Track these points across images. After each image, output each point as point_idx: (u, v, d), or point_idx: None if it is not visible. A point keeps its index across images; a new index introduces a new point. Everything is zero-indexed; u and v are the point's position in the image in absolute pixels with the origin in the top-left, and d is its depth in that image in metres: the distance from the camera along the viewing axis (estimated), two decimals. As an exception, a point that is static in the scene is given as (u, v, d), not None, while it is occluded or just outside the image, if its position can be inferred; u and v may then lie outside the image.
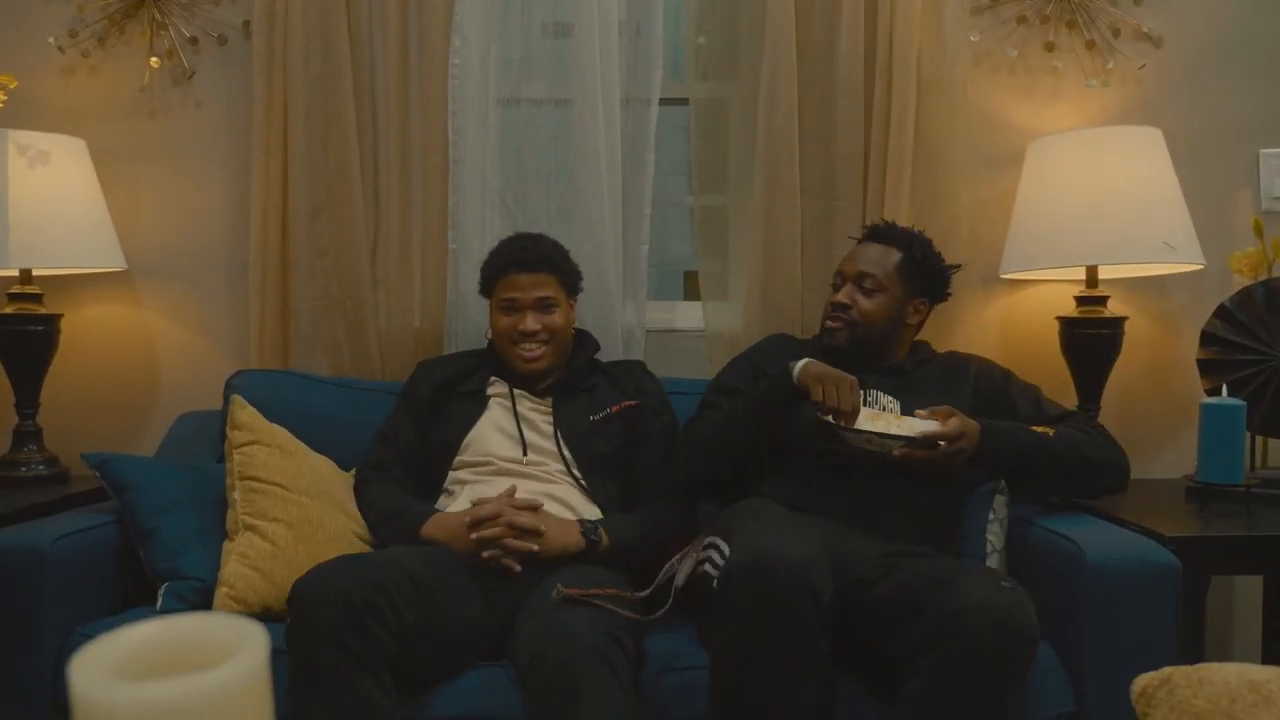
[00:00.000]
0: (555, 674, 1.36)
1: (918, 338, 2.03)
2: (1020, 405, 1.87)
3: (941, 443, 1.67)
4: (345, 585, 1.40)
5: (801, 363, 1.73)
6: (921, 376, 1.92)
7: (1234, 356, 2.03)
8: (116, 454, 1.81)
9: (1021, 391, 1.91)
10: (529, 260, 1.94)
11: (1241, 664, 0.81)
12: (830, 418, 1.67)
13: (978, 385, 1.90)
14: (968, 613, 1.33)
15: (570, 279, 2.02)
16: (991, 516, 1.75)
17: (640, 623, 1.55)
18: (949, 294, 2.02)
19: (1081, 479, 1.78)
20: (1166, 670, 0.84)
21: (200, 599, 1.68)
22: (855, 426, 1.68)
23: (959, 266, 2.04)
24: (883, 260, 1.93)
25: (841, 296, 1.92)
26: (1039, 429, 1.78)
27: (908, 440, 1.67)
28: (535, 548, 1.66)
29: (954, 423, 1.69)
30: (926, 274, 1.96)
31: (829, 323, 1.93)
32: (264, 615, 1.63)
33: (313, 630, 1.38)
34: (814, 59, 2.28)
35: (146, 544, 1.73)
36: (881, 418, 1.74)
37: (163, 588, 1.70)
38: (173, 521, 1.74)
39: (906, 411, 1.78)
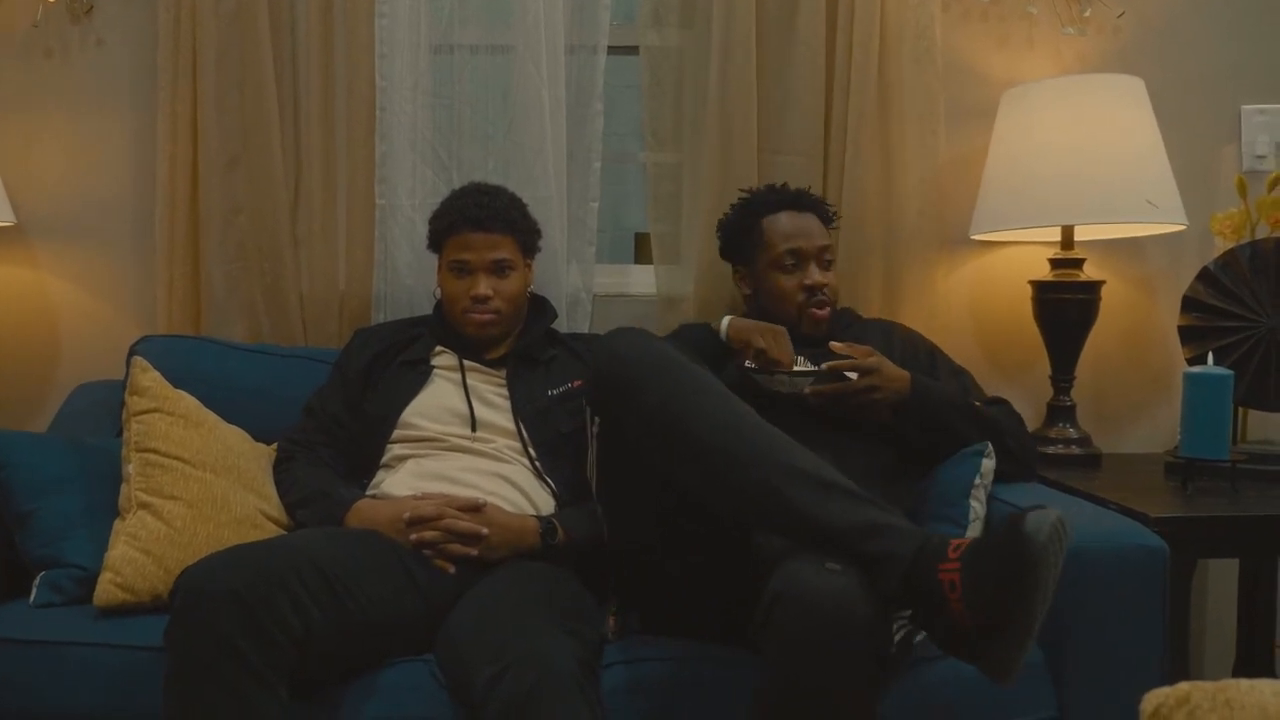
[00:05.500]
0: (526, 701, 1.17)
1: (844, 304, 1.97)
2: (946, 383, 1.78)
3: (852, 375, 1.62)
4: (240, 580, 1.22)
5: (726, 319, 1.71)
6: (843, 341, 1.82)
7: (1217, 323, 1.90)
8: (-11, 429, 1.62)
9: (951, 372, 1.83)
10: (484, 218, 1.77)
11: (1275, 681, 0.67)
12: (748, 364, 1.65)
13: (903, 356, 1.80)
14: (781, 595, 1.15)
15: (529, 239, 1.85)
16: (977, 480, 1.60)
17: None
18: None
19: (996, 457, 1.65)
20: (1184, 687, 0.70)
21: (81, 589, 1.49)
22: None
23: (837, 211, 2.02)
24: (824, 231, 1.88)
25: (819, 278, 1.83)
26: None
27: (817, 375, 1.62)
28: (474, 553, 1.51)
29: (871, 360, 1.65)
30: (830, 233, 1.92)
31: (816, 311, 1.83)
32: (154, 605, 1.45)
33: (199, 632, 1.20)
34: (772, 3, 2.12)
35: (22, 528, 1.54)
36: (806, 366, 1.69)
37: (38, 578, 1.51)
38: (55, 503, 1.55)
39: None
